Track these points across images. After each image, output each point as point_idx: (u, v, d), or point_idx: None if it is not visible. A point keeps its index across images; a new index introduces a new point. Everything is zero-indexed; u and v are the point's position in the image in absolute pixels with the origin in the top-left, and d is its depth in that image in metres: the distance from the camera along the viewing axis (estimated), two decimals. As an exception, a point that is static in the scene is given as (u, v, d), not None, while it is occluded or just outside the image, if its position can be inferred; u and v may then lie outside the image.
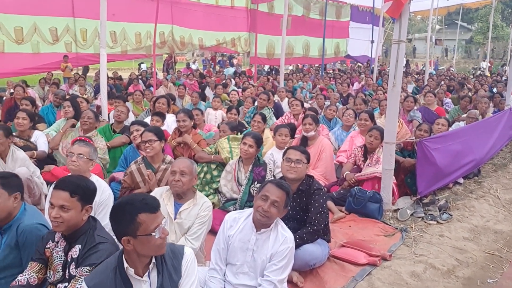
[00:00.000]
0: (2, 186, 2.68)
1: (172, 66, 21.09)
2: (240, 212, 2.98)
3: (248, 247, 2.81)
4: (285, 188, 2.82)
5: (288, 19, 11.79)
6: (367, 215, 4.62)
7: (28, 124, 5.47)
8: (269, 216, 2.74)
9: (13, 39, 13.03)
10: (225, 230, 2.88)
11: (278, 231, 2.83)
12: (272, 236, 2.81)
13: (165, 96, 7.46)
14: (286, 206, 2.83)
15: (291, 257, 2.83)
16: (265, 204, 2.73)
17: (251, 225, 2.83)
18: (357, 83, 16.51)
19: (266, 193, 2.77)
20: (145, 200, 2.15)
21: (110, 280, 2.14)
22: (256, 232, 2.81)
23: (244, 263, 2.82)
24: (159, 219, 2.14)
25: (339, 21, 21.68)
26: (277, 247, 2.77)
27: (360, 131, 5.98)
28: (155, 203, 2.17)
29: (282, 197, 2.78)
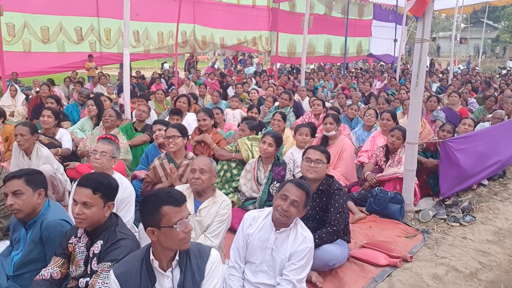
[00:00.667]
0: (27, 182, 2.74)
1: (194, 65, 21.25)
2: (259, 211, 2.98)
3: (267, 246, 2.81)
4: (305, 188, 2.81)
5: (310, 18, 11.69)
6: (388, 216, 4.56)
7: (53, 122, 5.59)
8: (288, 216, 2.73)
9: (39, 38, 13.36)
10: (245, 229, 2.89)
11: (298, 230, 2.82)
12: (292, 236, 2.80)
13: (186, 95, 7.53)
14: (305, 206, 2.81)
15: (310, 257, 2.82)
16: (284, 204, 2.73)
17: (270, 224, 2.83)
18: (380, 82, 16.33)
19: (286, 193, 2.77)
20: (170, 193, 2.20)
21: (136, 270, 2.19)
22: (275, 231, 2.81)
23: (263, 262, 2.82)
24: (182, 213, 2.17)
25: (362, 20, 21.47)
26: (296, 247, 2.76)
27: (382, 131, 5.91)
28: (180, 197, 2.21)
29: (302, 197, 2.76)
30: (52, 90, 9.73)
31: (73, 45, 14.14)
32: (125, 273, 2.20)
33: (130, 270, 2.20)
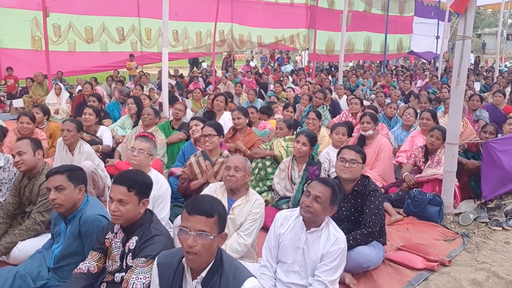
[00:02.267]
0: (69, 178, 2.85)
1: (231, 64, 21.40)
2: (291, 211, 2.97)
3: (299, 245, 2.80)
4: (329, 183, 2.78)
5: (348, 15, 11.54)
6: (426, 219, 4.44)
7: (94, 119, 5.80)
8: (312, 212, 2.71)
9: (83, 38, 13.84)
10: (276, 228, 2.89)
11: (330, 231, 2.79)
12: (323, 236, 2.78)
13: (223, 94, 7.60)
14: (332, 203, 2.77)
15: (343, 258, 2.79)
16: (307, 200, 2.72)
17: (301, 223, 2.82)
18: (421, 80, 15.90)
19: (309, 189, 2.77)
20: (194, 199, 2.15)
21: (173, 268, 2.18)
22: (306, 231, 2.80)
23: (294, 262, 2.81)
24: (189, 223, 2.03)
25: (403, 16, 20.96)
26: (328, 248, 2.74)
27: (421, 130, 5.76)
28: (196, 206, 2.06)
29: (326, 192, 2.73)
30: (94, 88, 10.06)
31: (115, 45, 14.56)
32: (164, 265, 2.20)
33: (169, 264, 2.19)
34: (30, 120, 5.26)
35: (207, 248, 2.02)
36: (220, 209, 2.12)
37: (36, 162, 3.55)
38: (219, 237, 2.09)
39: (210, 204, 2.09)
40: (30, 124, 5.24)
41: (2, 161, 4.02)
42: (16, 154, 3.49)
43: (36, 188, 3.49)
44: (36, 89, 11.28)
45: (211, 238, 2.02)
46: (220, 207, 2.13)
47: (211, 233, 2.03)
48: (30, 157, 3.51)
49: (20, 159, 3.47)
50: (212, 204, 2.10)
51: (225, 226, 2.16)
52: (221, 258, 2.13)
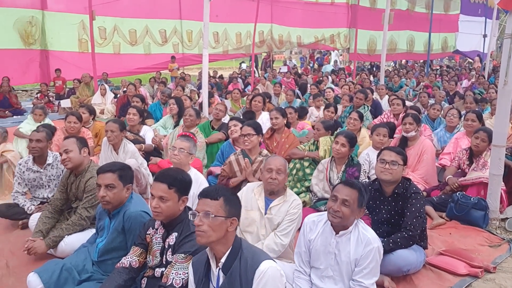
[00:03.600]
0: (120, 178, 2.94)
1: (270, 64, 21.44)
2: (319, 215, 2.92)
3: (330, 250, 2.76)
4: (355, 185, 2.71)
5: (391, 14, 11.30)
6: (470, 223, 4.30)
7: (137, 119, 5.99)
8: (341, 217, 2.65)
9: (128, 41, 14.29)
10: (305, 234, 2.86)
11: (359, 232, 2.73)
12: (353, 238, 2.72)
13: (261, 95, 7.63)
14: (361, 206, 2.71)
15: (378, 257, 2.72)
16: (335, 205, 2.67)
17: (330, 228, 2.78)
18: (466, 80, 15.36)
19: (335, 193, 2.70)
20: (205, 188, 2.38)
21: (203, 260, 2.30)
22: (335, 235, 2.75)
23: (328, 267, 2.78)
24: (198, 206, 2.25)
25: (448, 14, 20.33)
26: (360, 250, 2.68)
27: (466, 132, 5.56)
28: (204, 191, 2.31)
29: (353, 195, 2.67)
30: (138, 89, 10.35)
31: (158, 47, 14.95)
32: (196, 262, 2.32)
33: (200, 259, 2.31)
34: (77, 119, 5.49)
35: (213, 228, 2.18)
36: (226, 194, 2.29)
37: (81, 160, 3.69)
38: (227, 220, 2.22)
39: (215, 188, 2.34)
40: (77, 123, 5.46)
41: (51, 158, 4.22)
42: (63, 152, 3.64)
43: (82, 185, 3.63)
44: (83, 90, 11.73)
45: (213, 217, 2.18)
46: (225, 192, 2.31)
47: (215, 213, 2.20)
48: (76, 155, 3.65)
49: (67, 157, 3.62)
50: (217, 189, 2.32)
51: (234, 211, 2.29)
52: (240, 245, 2.27)
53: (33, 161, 4.19)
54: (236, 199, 2.36)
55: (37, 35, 12.73)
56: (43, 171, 4.20)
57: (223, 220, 2.21)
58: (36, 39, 12.74)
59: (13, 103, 10.96)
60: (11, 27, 12.17)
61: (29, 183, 4.22)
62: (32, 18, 12.53)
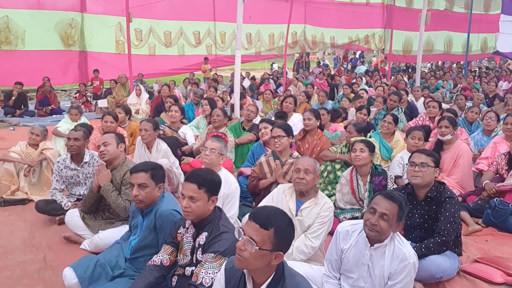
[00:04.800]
0: (152, 177, 3.01)
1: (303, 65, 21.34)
2: (353, 225, 2.83)
3: (363, 262, 2.69)
4: (396, 199, 2.59)
5: (427, 14, 11.05)
6: (508, 230, 4.15)
7: (179, 116, 6.24)
8: (378, 231, 2.55)
9: (162, 42, 14.58)
10: (338, 243, 2.79)
11: (395, 246, 2.63)
12: (388, 253, 2.62)
13: (292, 96, 7.61)
14: (400, 220, 2.60)
15: (413, 272, 2.63)
16: (373, 218, 2.56)
17: (365, 239, 2.69)
18: (507, 82, 14.82)
19: (374, 206, 2.59)
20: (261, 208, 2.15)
21: (238, 276, 2.19)
22: (370, 248, 2.67)
23: (360, 278, 2.72)
24: (246, 227, 2.04)
25: (488, 14, 19.71)
26: (395, 265, 2.59)
27: (505, 136, 5.38)
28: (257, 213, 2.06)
29: (393, 209, 2.55)
30: (172, 90, 10.52)
31: (192, 48, 15.18)
32: (231, 271, 2.21)
33: (235, 271, 2.19)
34: (114, 119, 5.68)
35: (254, 258, 1.99)
36: (280, 223, 2.03)
37: (118, 154, 3.82)
38: (272, 254, 2.00)
39: (268, 215, 2.03)
40: (113, 123, 5.65)
41: (88, 156, 4.35)
42: (102, 145, 3.78)
43: (118, 179, 3.73)
44: (119, 90, 12.02)
45: (256, 249, 1.97)
46: (279, 221, 2.03)
47: (260, 245, 1.98)
48: (113, 148, 3.79)
49: (105, 149, 3.76)
50: (271, 216, 2.03)
51: (283, 244, 2.04)
52: (282, 273, 2.08)
53: (70, 159, 4.33)
54: (288, 231, 2.08)
55: (77, 37, 13.18)
56: (80, 169, 4.33)
57: (268, 253, 2.00)
58: (75, 41, 13.20)
59: (52, 102, 11.36)
60: (52, 29, 12.66)
61: (67, 181, 4.36)
62: (72, 20, 12.99)
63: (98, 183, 3.67)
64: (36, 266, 3.54)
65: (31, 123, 8.50)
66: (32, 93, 12.77)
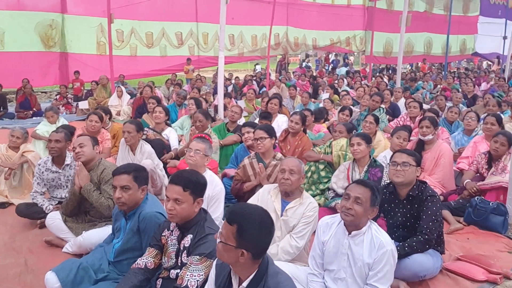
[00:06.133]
0: (135, 179, 2.98)
1: (285, 67, 21.42)
2: (332, 217, 2.93)
3: (342, 251, 2.75)
4: (368, 184, 2.72)
5: (408, 16, 11.20)
6: (489, 228, 4.22)
7: (163, 117, 6.16)
8: (353, 215, 2.65)
9: (144, 43, 14.45)
10: (319, 236, 2.86)
11: (372, 234, 2.71)
12: (366, 241, 2.70)
13: (277, 97, 7.63)
14: (373, 204, 2.70)
15: (392, 260, 2.69)
16: (347, 203, 2.68)
17: (343, 228, 2.78)
18: (485, 83, 15.13)
19: (348, 192, 2.72)
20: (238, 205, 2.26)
21: (226, 272, 2.24)
22: (348, 236, 2.75)
23: (340, 268, 2.77)
24: (223, 230, 2.09)
25: (467, 16, 20.09)
26: (374, 254, 2.66)
27: (485, 136, 5.48)
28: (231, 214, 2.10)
29: (365, 193, 2.67)
30: (154, 91, 10.43)
31: (174, 49, 15.08)
32: (221, 266, 2.27)
33: (224, 268, 2.25)
34: (99, 119, 5.69)
35: (224, 251, 2.07)
36: (245, 222, 2.03)
37: (94, 156, 3.81)
38: (237, 250, 2.03)
39: (236, 211, 2.10)
40: (98, 122, 5.67)
41: (69, 159, 4.29)
42: (78, 146, 3.75)
43: (96, 178, 3.70)
44: (100, 92, 11.89)
45: (221, 243, 2.06)
46: (247, 220, 2.04)
47: (224, 239, 2.06)
48: (89, 150, 3.78)
49: (81, 150, 3.73)
50: (238, 213, 2.08)
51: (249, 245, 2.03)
52: (266, 271, 2.11)
53: (52, 161, 4.26)
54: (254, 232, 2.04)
55: (57, 38, 12.98)
56: (61, 172, 4.27)
57: (232, 249, 2.04)
58: (56, 42, 12.99)
59: (34, 105, 11.15)
60: (32, 30, 12.45)
61: (48, 183, 4.29)
62: (53, 21, 12.79)
63: (79, 184, 3.63)
64: (17, 270, 3.47)
65: (11, 126, 8.32)
66: (11, 95, 12.52)
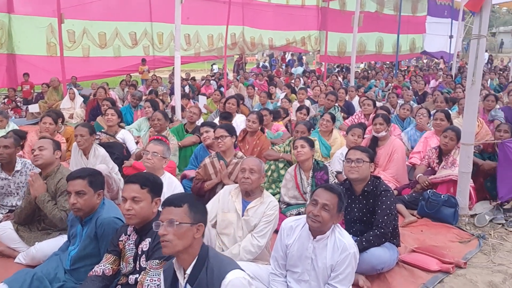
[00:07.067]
0: (90, 184, 2.89)
1: (242, 66, 21.45)
2: (296, 219, 2.93)
3: (307, 255, 2.76)
4: (335, 190, 2.72)
5: (360, 16, 11.49)
6: (441, 220, 4.40)
7: (116, 120, 5.94)
8: (321, 221, 2.65)
9: (97, 44, 14.02)
10: (283, 239, 2.86)
11: (336, 237, 2.73)
12: (330, 244, 2.72)
13: (234, 97, 7.62)
14: (340, 210, 2.72)
15: (354, 263, 2.73)
16: (315, 209, 2.66)
17: (308, 233, 2.78)
18: (434, 80, 15.77)
19: (316, 197, 2.70)
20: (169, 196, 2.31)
21: (170, 270, 2.25)
22: (313, 240, 2.75)
23: (304, 271, 2.79)
24: (162, 216, 2.19)
25: (415, 16, 20.81)
26: (336, 256, 2.69)
27: (435, 131, 5.71)
28: (167, 200, 2.24)
29: (333, 200, 2.68)
30: (108, 93, 10.16)
31: (128, 50, 14.72)
32: (167, 271, 2.28)
33: (169, 268, 2.26)
34: (53, 121, 5.48)
35: (179, 236, 2.12)
36: (190, 200, 2.23)
37: (53, 161, 3.65)
38: (193, 227, 2.16)
39: (178, 195, 2.28)
40: (52, 124, 5.49)
41: (19, 164, 4.11)
42: (37, 149, 3.59)
43: (52, 187, 3.54)
44: (51, 95, 11.45)
45: (178, 224, 2.12)
46: (189, 198, 2.26)
47: (180, 220, 2.13)
48: (49, 154, 3.61)
49: (40, 153, 3.58)
50: (180, 196, 2.27)
51: (200, 217, 2.23)
52: (207, 254, 2.19)
53: (0, 168, 4.07)
54: (201, 205, 2.31)
55: (4, 39, 12.34)
56: (11, 178, 4.09)
57: (189, 227, 2.15)
58: (2, 43, 12.35)
59: (-21, 109, 10.59)
60: (-25, 31, 11.79)
61: (-3, 191, 4.09)
62: (-2, 22, 12.16)
63: (34, 194, 3.47)
64: (-35, 284, 3.28)
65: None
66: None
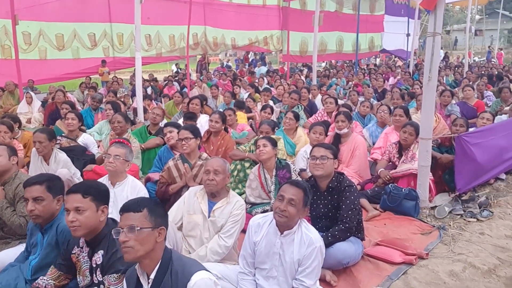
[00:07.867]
0: (48, 189, 2.79)
1: (205, 67, 21.32)
2: (263, 216, 2.95)
3: (274, 251, 2.79)
4: (301, 185, 2.78)
5: (320, 16, 11.63)
6: (403, 213, 4.52)
7: (77, 124, 5.76)
8: (287, 216, 2.69)
9: (54, 46, 13.57)
10: (250, 236, 2.88)
11: (303, 232, 2.78)
12: (297, 239, 2.76)
13: (198, 97, 7.57)
14: (305, 205, 2.78)
15: (320, 257, 2.78)
16: (281, 204, 2.71)
17: (275, 228, 2.81)
18: (393, 77, 16.19)
19: (282, 193, 2.75)
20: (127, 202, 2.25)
21: (133, 277, 2.20)
22: (280, 236, 2.79)
23: (272, 267, 2.81)
24: (121, 222, 2.14)
25: (373, 15, 21.26)
26: (303, 250, 2.73)
27: (394, 127, 5.87)
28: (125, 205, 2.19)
29: (298, 195, 2.73)
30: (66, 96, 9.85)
31: (87, 51, 14.32)
32: (129, 278, 2.23)
33: (132, 275, 2.21)
34: (8, 129, 5.22)
35: (140, 242, 2.08)
36: (149, 204, 2.20)
37: (10, 167, 3.55)
38: (155, 231, 2.13)
39: (136, 200, 2.23)
40: (8, 133, 5.21)
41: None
42: None
43: (10, 193, 3.44)
44: (7, 99, 11.02)
45: (138, 229, 2.07)
46: (148, 202, 2.22)
47: (140, 226, 2.09)
48: (5, 160, 3.51)
49: None
50: (138, 200, 2.22)
51: (161, 220, 2.19)
52: (170, 258, 2.15)
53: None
54: (160, 208, 2.26)
55: (-47, 42, 11.78)
56: (-36, 187, 3.89)
57: (150, 232, 2.11)
58: (-49, 46, 11.78)
59: None
60: None
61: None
62: None
63: None
64: None
65: None
66: None
